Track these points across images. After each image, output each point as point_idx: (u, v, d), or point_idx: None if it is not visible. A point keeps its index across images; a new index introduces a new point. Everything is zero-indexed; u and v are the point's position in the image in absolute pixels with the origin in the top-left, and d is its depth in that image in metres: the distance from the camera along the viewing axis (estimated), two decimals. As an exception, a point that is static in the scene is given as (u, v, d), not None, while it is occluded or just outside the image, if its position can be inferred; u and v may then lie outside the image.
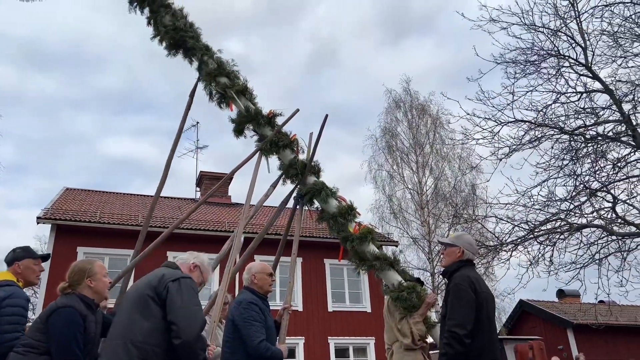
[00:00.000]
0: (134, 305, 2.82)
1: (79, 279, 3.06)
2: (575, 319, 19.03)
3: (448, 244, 3.73)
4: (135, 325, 2.74)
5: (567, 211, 8.40)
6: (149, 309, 2.78)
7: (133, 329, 2.73)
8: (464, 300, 3.28)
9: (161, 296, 2.81)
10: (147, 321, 2.75)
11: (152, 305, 2.79)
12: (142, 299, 2.81)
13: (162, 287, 2.83)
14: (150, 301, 2.79)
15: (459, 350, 3.14)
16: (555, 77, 8.60)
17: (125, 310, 2.86)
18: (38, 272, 3.64)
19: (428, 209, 20.29)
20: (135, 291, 2.92)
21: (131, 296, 2.90)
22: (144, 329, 2.72)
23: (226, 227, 16.53)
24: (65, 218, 15.25)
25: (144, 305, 2.79)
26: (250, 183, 5.37)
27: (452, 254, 3.65)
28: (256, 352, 3.44)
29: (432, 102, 22.22)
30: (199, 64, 5.84)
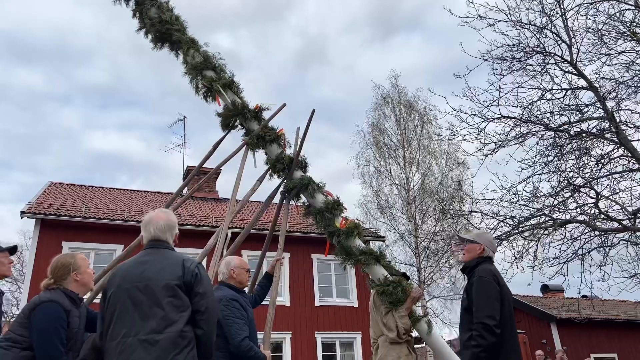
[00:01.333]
0: (161, 296, 2.65)
1: (63, 273, 3.02)
2: (558, 314, 19.30)
3: (470, 240, 3.83)
4: (170, 318, 2.60)
5: (552, 207, 8.50)
6: (180, 299, 2.68)
7: (168, 322, 2.60)
8: (490, 292, 3.41)
9: (189, 284, 2.72)
10: (183, 312, 2.66)
11: (182, 295, 2.69)
12: (171, 289, 2.67)
13: (190, 275, 2.73)
14: (179, 290, 2.68)
15: (491, 340, 3.25)
16: (540, 73, 8.67)
17: (148, 303, 2.63)
18: (8, 264, 3.65)
19: (415, 204, 20.40)
20: (155, 280, 2.69)
21: (152, 287, 2.67)
22: (182, 321, 2.63)
23: (213, 222, 16.47)
24: (50, 212, 15.07)
25: (174, 296, 2.67)
26: (236, 178, 5.36)
27: (472, 250, 3.77)
28: (238, 350, 3.43)
29: (419, 98, 22.32)
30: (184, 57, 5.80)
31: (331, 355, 17.23)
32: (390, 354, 4.73)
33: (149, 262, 2.80)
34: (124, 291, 2.70)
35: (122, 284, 2.73)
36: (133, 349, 2.53)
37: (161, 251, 2.89)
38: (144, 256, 2.87)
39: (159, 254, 2.87)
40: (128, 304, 2.66)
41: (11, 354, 2.76)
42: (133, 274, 2.75)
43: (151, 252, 2.89)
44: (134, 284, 2.71)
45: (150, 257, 2.84)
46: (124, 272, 2.80)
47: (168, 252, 2.90)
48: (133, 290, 2.69)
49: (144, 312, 2.62)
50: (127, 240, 15.27)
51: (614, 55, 8.25)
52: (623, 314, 21.86)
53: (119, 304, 2.68)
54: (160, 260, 2.81)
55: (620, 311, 21.99)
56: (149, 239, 2.96)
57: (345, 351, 17.53)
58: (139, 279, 2.72)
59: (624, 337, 21.54)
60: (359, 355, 17.05)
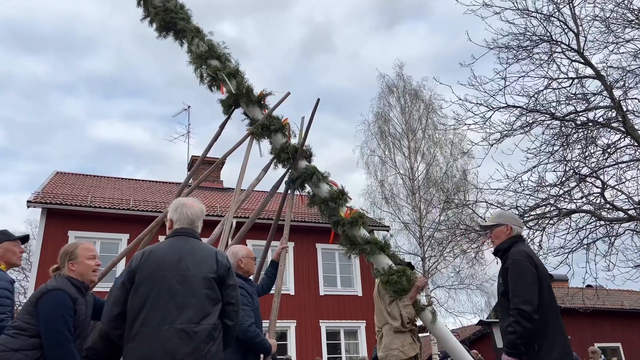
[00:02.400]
0: (199, 287, 2.64)
1: (62, 262, 3.06)
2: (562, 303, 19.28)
3: (493, 225, 3.66)
4: (206, 310, 2.62)
5: (557, 196, 8.47)
6: (215, 292, 2.70)
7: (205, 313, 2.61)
8: (526, 276, 3.25)
9: (222, 278, 2.74)
10: (216, 305, 2.68)
11: (217, 289, 2.71)
12: (208, 282, 2.68)
13: (223, 270, 2.75)
14: (214, 284, 2.70)
15: (528, 327, 3.12)
16: (547, 62, 8.60)
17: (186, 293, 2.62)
18: (19, 254, 3.66)
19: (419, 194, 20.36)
20: (194, 272, 2.68)
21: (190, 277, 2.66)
22: (215, 314, 2.65)
23: (218, 211, 16.53)
24: (56, 202, 15.16)
25: (210, 289, 2.68)
26: (241, 167, 5.36)
27: (500, 233, 3.60)
28: (245, 335, 3.46)
29: (425, 88, 22.14)
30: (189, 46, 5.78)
31: (335, 344, 17.34)
32: (394, 342, 4.75)
33: (185, 251, 2.75)
34: (159, 278, 2.64)
35: (156, 271, 2.66)
36: (169, 337, 2.51)
37: (194, 241, 2.85)
38: (178, 243, 2.81)
39: (192, 243, 2.83)
40: (163, 292, 2.61)
41: (19, 341, 2.78)
42: (169, 262, 2.69)
43: (184, 240, 2.83)
44: (170, 271, 2.66)
45: (185, 246, 2.79)
46: (159, 258, 2.72)
47: (200, 243, 2.87)
48: (169, 278, 2.64)
49: (181, 302, 2.59)
50: (133, 229, 15.49)
51: (622, 43, 8.17)
52: (628, 303, 21.86)
53: (154, 290, 2.61)
54: (196, 251, 2.77)
55: (624, 301, 21.99)
56: (184, 223, 2.89)
57: (350, 340, 17.64)
58: (176, 268, 2.68)
59: (628, 327, 21.56)
60: (363, 344, 17.16)
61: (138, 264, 2.71)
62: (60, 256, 3.10)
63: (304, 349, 16.27)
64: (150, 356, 2.48)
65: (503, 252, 3.51)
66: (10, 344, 2.78)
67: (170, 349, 2.47)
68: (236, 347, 3.43)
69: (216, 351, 2.60)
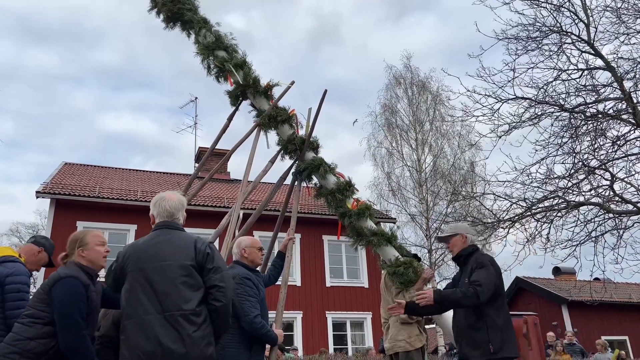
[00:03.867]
0: (176, 276, 2.74)
1: (72, 248, 3.07)
2: (570, 296, 19.26)
3: (450, 235, 4.07)
4: (184, 296, 2.70)
5: (565, 189, 8.42)
6: (194, 279, 2.77)
7: (183, 300, 2.69)
8: (492, 274, 3.70)
9: (201, 264, 2.80)
10: (197, 292, 2.75)
11: (196, 276, 2.78)
12: (186, 269, 2.76)
13: (202, 256, 2.82)
14: (193, 270, 2.77)
15: (474, 303, 3.60)
16: (556, 53, 8.51)
17: (163, 282, 2.71)
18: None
19: (426, 186, 20.31)
20: (171, 261, 2.77)
21: (167, 267, 2.75)
22: (195, 299, 2.72)
23: (225, 202, 16.58)
24: (65, 192, 15.27)
25: (188, 275, 2.76)
26: (248, 159, 5.36)
27: (458, 242, 4.01)
28: (251, 327, 3.47)
29: (432, 79, 22.00)
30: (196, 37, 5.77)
31: (342, 335, 17.42)
32: (401, 334, 4.77)
33: (163, 242, 2.86)
34: (139, 270, 2.77)
35: (137, 263, 2.80)
36: (152, 325, 2.62)
37: (173, 232, 2.95)
38: (157, 236, 2.93)
39: (171, 234, 2.93)
40: (144, 283, 2.73)
41: (34, 330, 2.80)
42: (148, 254, 2.82)
43: (164, 232, 2.95)
44: (149, 263, 2.78)
45: (164, 238, 2.90)
46: (139, 252, 2.85)
47: (180, 233, 2.96)
48: (149, 269, 2.76)
49: (160, 292, 2.70)
50: (141, 220, 15.59)
51: (633, 34, 8.07)
52: (635, 296, 21.76)
53: (136, 282, 2.75)
54: (173, 241, 2.87)
55: (632, 294, 21.88)
56: (164, 217, 3.02)
57: (356, 331, 17.71)
58: (154, 259, 2.79)
59: (636, 319, 21.46)
60: (369, 335, 17.22)
61: (123, 260, 2.86)
62: (70, 243, 3.10)
63: (310, 340, 16.35)
64: (138, 346, 2.61)
65: (465, 257, 3.94)
66: (25, 332, 2.80)
67: (156, 337, 2.59)
68: (242, 338, 3.45)
69: (202, 336, 2.67)
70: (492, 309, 3.67)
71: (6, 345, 2.80)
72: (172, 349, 2.58)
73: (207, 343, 2.70)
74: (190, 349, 2.61)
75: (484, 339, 3.62)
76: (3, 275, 3.31)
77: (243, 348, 3.48)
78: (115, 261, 2.92)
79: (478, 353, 3.63)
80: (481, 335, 3.64)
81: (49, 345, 2.79)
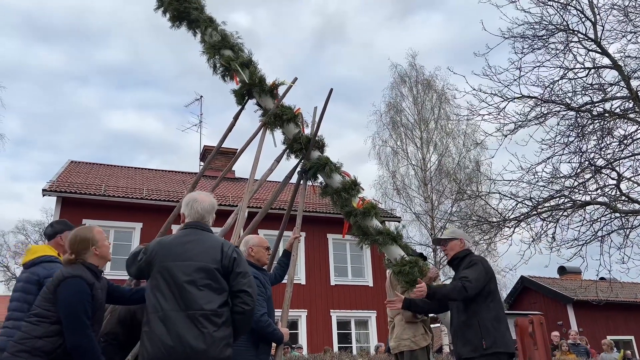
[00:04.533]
0: (200, 277, 2.78)
1: (83, 248, 3.07)
2: (575, 296, 19.19)
3: (449, 239, 4.25)
4: (206, 297, 2.74)
5: (571, 188, 8.39)
6: (218, 282, 2.81)
7: (205, 301, 2.73)
8: (480, 270, 3.88)
9: (227, 268, 2.84)
10: (220, 295, 2.79)
11: (220, 279, 2.82)
12: (210, 273, 2.80)
13: (228, 260, 2.86)
14: (217, 274, 2.81)
15: (463, 297, 3.79)
16: (563, 52, 8.47)
17: (187, 281, 2.76)
18: None
19: (431, 185, 20.28)
20: (196, 262, 2.82)
21: (192, 267, 2.80)
22: (217, 301, 2.76)
23: (230, 201, 16.61)
24: (71, 190, 15.34)
25: (212, 279, 2.80)
26: (254, 158, 5.37)
27: (455, 246, 4.19)
28: (257, 325, 3.49)
29: (437, 77, 21.96)
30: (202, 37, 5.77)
31: (346, 334, 17.43)
32: (406, 332, 4.77)
33: (191, 243, 2.90)
34: (165, 268, 2.81)
35: (164, 260, 2.84)
36: (175, 321, 2.68)
37: (203, 233, 2.99)
38: (186, 236, 2.97)
39: (200, 235, 2.97)
40: (170, 280, 2.78)
41: (41, 328, 2.83)
42: (175, 253, 2.86)
43: (193, 232, 2.99)
44: (175, 262, 2.82)
45: (192, 238, 2.94)
46: (167, 249, 2.89)
47: (208, 235, 3.01)
48: (174, 268, 2.80)
49: (184, 290, 2.75)
50: (146, 218, 15.63)
51: (640, 32, 8.01)
52: (641, 296, 21.66)
53: (162, 278, 2.80)
54: (201, 242, 2.92)
55: (638, 294, 21.78)
56: (194, 218, 3.05)
57: (360, 329, 17.71)
58: (181, 258, 2.83)
59: (642, 319, 21.37)
60: (374, 334, 17.22)
61: (150, 255, 2.90)
62: (80, 243, 3.08)
63: (314, 338, 16.38)
64: (161, 340, 2.65)
65: (459, 260, 4.13)
66: (33, 331, 2.83)
67: (178, 333, 2.64)
68: (248, 336, 3.47)
69: (222, 336, 2.72)
70: (484, 306, 3.81)
71: (15, 344, 2.84)
72: (193, 346, 2.63)
73: (226, 344, 2.75)
74: (210, 347, 2.66)
75: (476, 336, 3.75)
76: (41, 277, 3.28)
77: (250, 346, 3.50)
78: (143, 253, 2.94)
79: (470, 349, 3.76)
80: (473, 332, 3.77)
81: (57, 344, 2.83)
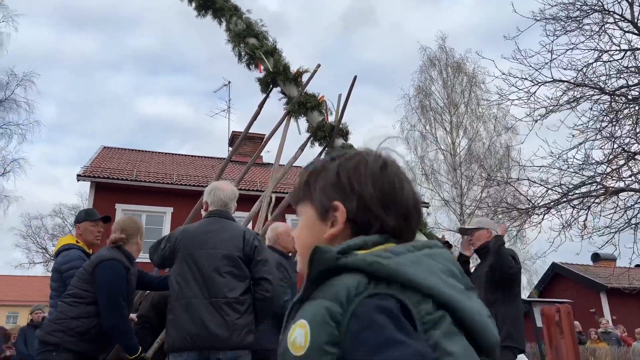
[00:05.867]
0: (223, 264, 2.84)
1: (134, 234, 3.21)
2: (609, 283, 18.76)
3: (475, 228, 4.14)
4: (229, 285, 2.81)
5: (604, 174, 8.17)
6: (240, 270, 2.88)
7: (228, 289, 2.80)
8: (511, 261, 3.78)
9: (249, 256, 2.91)
10: (242, 282, 2.86)
11: (243, 267, 2.89)
12: (233, 260, 2.87)
13: (250, 248, 2.92)
14: (239, 261, 2.88)
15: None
16: (598, 34, 8.20)
17: (211, 269, 2.82)
18: (97, 234, 3.73)
19: (461, 170, 20.01)
20: (219, 250, 2.88)
21: (215, 255, 2.86)
22: (240, 289, 2.83)
23: (258, 186, 16.78)
24: (103, 176, 15.75)
25: (235, 267, 2.86)
26: (279, 145, 5.42)
27: (481, 236, 4.07)
28: (282, 311, 3.55)
29: (468, 60, 21.51)
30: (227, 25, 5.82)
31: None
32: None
33: (215, 231, 2.97)
34: (189, 256, 2.89)
35: (188, 248, 2.91)
36: (199, 308, 2.75)
37: (225, 221, 3.06)
38: (209, 224, 3.03)
39: (223, 223, 3.04)
40: (193, 268, 2.85)
41: (77, 309, 2.95)
42: (199, 240, 2.94)
43: (217, 220, 3.05)
44: (199, 249, 2.89)
45: (215, 226, 3.01)
46: (191, 237, 2.96)
47: (231, 223, 3.07)
48: (198, 255, 2.88)
49: (207, 277, 2.82)
50: (177, 203, 15.94)
51: (681, 12, 7.68)
52: (679, 285, 21.02)
53: (186, 266, 2.87)
54: (224, 231, 2.98)
55: (675, 282, 21.15)
56: (217, 205, 3.11)
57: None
58: (204, 246, 2.90)
59: (678, 308, 20.77)
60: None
61: (175, 243, 2.97)
62: (132, 228, 3.23)
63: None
64: (185, 326, 2.73)
65: (487, 250, 4.00)
66: (69, 312, 2.95)
67: (202, 321, 2.71)
68: (273, 322, 3.54)
69: (244, 323, 2.79)
70: (504, 300, 3.75)
71: (50, 323, 2.97)
72: (217, 334, 2.71)
73: (248, 331, 2.82)
74: (232, 334, 2.73)
75: None
76: (60, 265, 3.45)
77: (273, 332, 3.58)
78: (167, 241, 3.02)
79: None
80: None
81: (91, 325, 2.94)
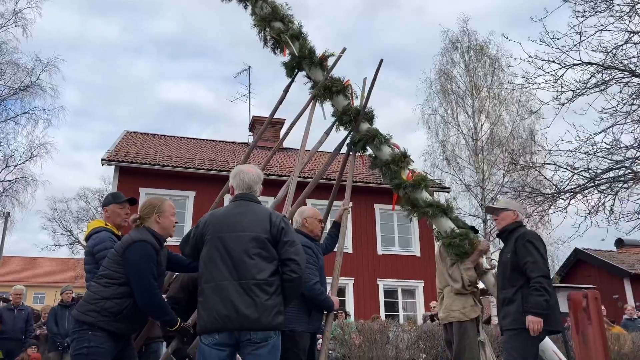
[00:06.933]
0: (251, 246, 2.90)
1: (148, 213, 3.25)
2: (633, 269, 18.49)
3: (502, 208, 4.16)
4: (258, 266, 2.86)
5: (633, 159, 8.01)
6: (268, 251, 2.93)
7: (257, 270, 2.85)
8: (543, 253, 3.77)
9: (276, 238, 2.96)
10: (270, 263, 2.91)
11: (270, 248, 2.94)
12: (261, 242, 2.92)
13: (276, 229, 2.97)
14: (268, 244, 2.94)
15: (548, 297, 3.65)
16: (629, 14, 7.94)
17: (240, 251, 2.88)
18: (124, 216, 3.78)
19: (483, 155, 19.78)
20: (248, 232, 2.94)
21: (244, 237, 2.92)
22: (268, 270, 2.88)
23: (279, 171, 16.88)
24: (127, 160, 16.01)
25: (263, 248, 2.92)
26: (304, 130, 5.43)
27: (507, 217, 4.10)
28: (310, 293, 3.62)
29: (491, 43, 21.10)
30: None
31: (392, 302, 17.62)
32: (455, 304, 4.80)
33: (242, 214, 3.03)
34: (218, 238, 2.95)
35: (216, 232, 2.98)
36: (228, 290, 2.81)
37: (251, 204, 3.11)
38: (236, 207, 3.10)
39: (249, 206, 3.10)
40: (222, 251, 2.91)
41: (110, 290, 3.04)
42: (227, 224, 3.00)
43: (243, 204, 3.12)
44: (227, 233, 2.96)
45: (242, 209, 3.07)
46: (219, 221, 3.03)
47: (257, 206, 3.13)
48: (227, 238, 2.94)
49: (237, 259, 2.88)
50: (199, 186, 16.15)
51: None
52: None
53: (215, 249, 2.94)
54: (251, 213, 3.04)
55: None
56: (242, 189, 3.17)
57: (407, 298, 17.85)
58: (233, 229, 2.96)
59: None
60: (421, 303, 17.32)
61: (203, 227, 3.04)
62: (147, 207, 3.28)
63: (361, 306, 16.65)
64: (215, 308, 2.79)
65: (508, 233, 4.06)
66: (102, 292, 3.04)
67: (232, 302, 2.76)
68: (302, 303, 3.61)
69: (274, 304, 2.83)
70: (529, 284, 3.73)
71: (85, 303, 3.06)
72: (247, 315, 2.76)
73: (277, 312, 2.85)
74: (262, 315, 2.77)
75: (517, 310, 3.73)
76: (92, 247, 3.54)
77: (303, 313, 3.64)
78: (195, 228, 3.11)
79: (510, 320, 3.77)
80: (516, 306, 3.75)
81: (124, 305, 3.02)
